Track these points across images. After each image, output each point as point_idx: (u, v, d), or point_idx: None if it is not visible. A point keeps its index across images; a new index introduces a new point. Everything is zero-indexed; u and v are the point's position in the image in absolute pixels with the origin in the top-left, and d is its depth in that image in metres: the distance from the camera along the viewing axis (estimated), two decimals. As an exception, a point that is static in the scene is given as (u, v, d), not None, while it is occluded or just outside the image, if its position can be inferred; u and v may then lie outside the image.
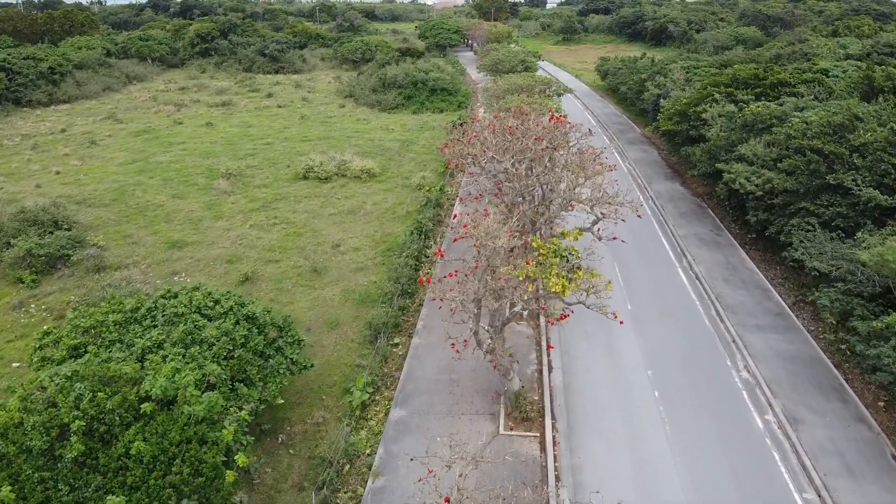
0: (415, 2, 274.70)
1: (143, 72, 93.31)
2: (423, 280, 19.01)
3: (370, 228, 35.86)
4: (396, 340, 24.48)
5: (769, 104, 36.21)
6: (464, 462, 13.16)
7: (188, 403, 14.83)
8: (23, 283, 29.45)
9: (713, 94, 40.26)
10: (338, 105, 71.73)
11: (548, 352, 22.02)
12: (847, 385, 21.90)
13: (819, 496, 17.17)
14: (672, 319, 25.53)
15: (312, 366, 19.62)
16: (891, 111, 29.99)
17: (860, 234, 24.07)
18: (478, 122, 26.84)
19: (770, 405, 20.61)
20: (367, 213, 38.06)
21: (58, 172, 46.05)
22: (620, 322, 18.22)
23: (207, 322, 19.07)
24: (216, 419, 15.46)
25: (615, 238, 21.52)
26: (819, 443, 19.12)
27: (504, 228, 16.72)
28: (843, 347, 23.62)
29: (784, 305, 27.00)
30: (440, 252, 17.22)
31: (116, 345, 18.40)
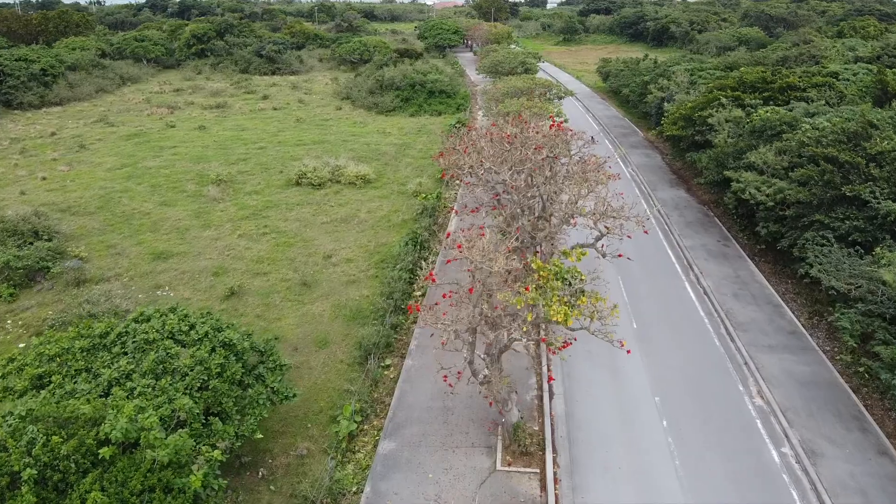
0: (415, 2, 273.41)
1: (138, 73, 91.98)
2: (413, 308, 17.58)
3: (364, 238, 34.50)
4: (388, 362, 23.12)
5: (778, 109, 34.85)
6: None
7: (152, 447, 13.47)
8: (-1, 298, 28.15)
9: (719, 99, 38.91)
10: (334, 107, 70.38)
11: (548, 366, 20.61)
12: (867, 412, 20.54)
13: (843, 541, 15.83)
14: (680, 339, 24.15)
15: (295, 396, 18.25)
16: (908, 118, 28.65)
17: (879, 250, 22.68)
18: (474, 131, 25.48)
19: (786, 436, 19.24)
20: (361, 222, 36.70)
21: (44, 178, 44.71)
22: (628, 351, 16.81)
23: (182, 349, 17.73)
24: (185, 462, 14.09)
25: (620, 255, 20.18)
26: (840, 479, 17.75)
27: (501, 250, 15.35)
28: (862, 370, 22.27)
29: (797, 323, 25.62)
30: (431, 276, 15.85)
31: (83, 374, 17.05)
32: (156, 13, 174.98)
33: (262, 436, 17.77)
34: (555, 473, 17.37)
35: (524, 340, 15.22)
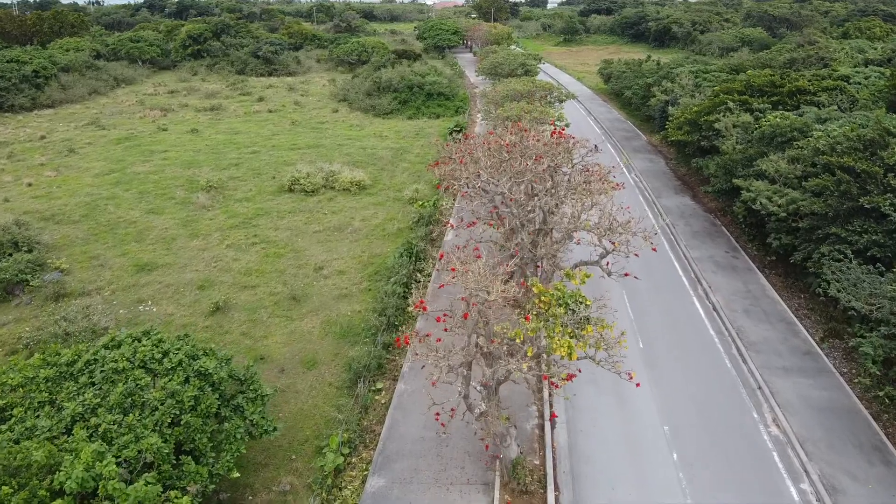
0: (414, 2, 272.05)
1: (133, 74, 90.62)
2: (402, 341, 16.21)
3: (357, 248, 33.16)
4: (379, 385, 21.78)
5: (788, 114, 33.50)
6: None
7: (111, 499, 12.14)
8: (-28, 314, 26.81)
9: (726, 103, 37.55)
10: (331, 110, 69.05)
11: (550, 401, 19.25)
12: (889, 443, 19.19)
13: None
14: (689, 361, 22.79)
15: (275, 430, 16.90)
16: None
17: (901, 267, 21.36)
18: (471, 139, 24.13)
19: (805, 471, 17.89)
20: (355, 231, 35.35)
21: (30, 184, 43.37)
22: (637, 385, 15.47)
23: (154, 378, 16.41)
24: (149, 511, 12.75)
25: (627, 275, 18.84)
26: (865, 519, 16.43)
27: (498, 273, 14.01)
28: (882, 395, 20.90)
29: (812, 342, 24.27)
30: (422, 304, 14.54)
31: (46, 408, 15.73)
32: (153, 13, 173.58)
33: (240, 474, 16.43)
34: (557, 514, 16.04)
35: (524, 375, 13.88)
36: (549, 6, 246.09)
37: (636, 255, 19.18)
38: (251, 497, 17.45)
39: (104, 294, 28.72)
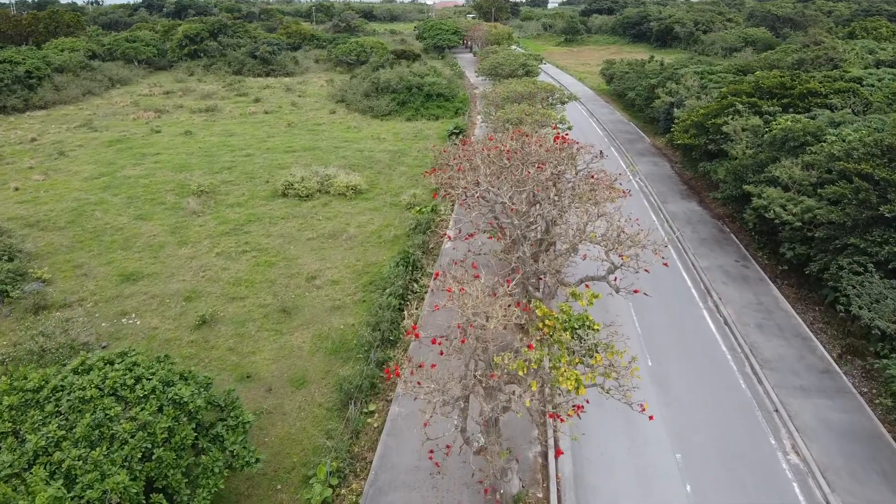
0: (414, 2, 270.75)
1: (129, 75, 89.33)
2: (391, 373, 14.94)
3: (352, 256, 31.89)
4: (372, 407, 20.49)
5: (799, 118, 32.24)
6: None
7: (65, 553, 10.89)
8: (-54, 328, 25.56)
9: (734, 105, 36.28)
10: (328, 111, 67.78)
11: (555, 435, 17.97)
12: (917, 470, 17.91)
13: None
14: (701, 380, 21.51)
15: (258, 461, 15.64)
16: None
17: (927, 281, 20.10)
18: (470, 145, 22.88)
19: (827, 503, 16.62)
20: (350, 238, 34.07)
21: (16, 189, 42.12)
22: (650, 418, 14.20)
23: (125, 406, 15.15)
24: (111, 563, 11.51)
25: (636, 292, 17.60)
26: (896, 560, 15.15)
27: (498, 294, 12.75)
28: (907, 417, 19.66)
29: (830, 359, 22.98)
30: (414, 330, 13.27)
31: (9, 439, 14.48)
32: (152, 13, 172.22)
33: (218, 512, 15.17)
34: (562, 556, 14.76)
35: (528, 410, 12.60)
36: (550, 6, 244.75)
37: (646, 271, 17.90)
38: (232, 533, 16.20)
39: (86, 306, 27.46)
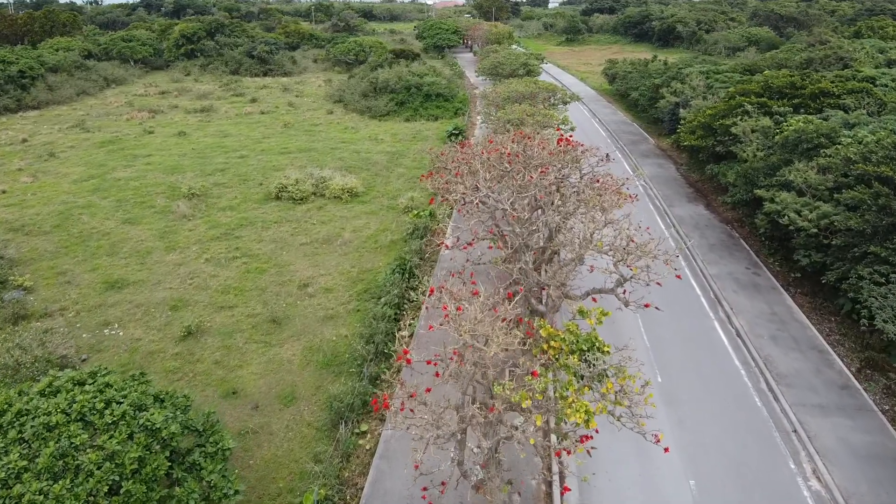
0: (414, 2, 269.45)
1: (124, 75, 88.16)
2: (380, 404, 13.69)
3: (346, 262, 30.67)
4: (364, 427, 19.27)
5: (812, 118, 30.99)
6: None
7: None
8: (-81, 339, 24.32)
9: (743, 105, 35.04)
10: (325, 111, 66.57)
11: (560, 462, 16.71)
12: (948, 498, 16.68)
13: None
14: (714, 398, 20.27)
15: (237, 493, 14.42)
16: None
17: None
18: (469, 148, 21.67)
19: (856, 536, 15.40)
20: (345, 243, 32.87)
21: (3, 192, 40.92)
22: (665, 450, 12.96)
23: (93, 433, 13.94)
24: None
25: (647, 306, 16.38)
26: None
27: (498, 318, 11.53)
28: (934, 438, 18.43)
29: (849, 374, 21.74)
30: (405, 355, 12.05)
31: (-35, 469, 13.28)
32: (150, 13, 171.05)
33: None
34: None
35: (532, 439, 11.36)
36: (551, 6, 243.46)
37: (659, 285, 16.67)
38: (210, 568, 14.95)
39: (68, 316, 26.25)
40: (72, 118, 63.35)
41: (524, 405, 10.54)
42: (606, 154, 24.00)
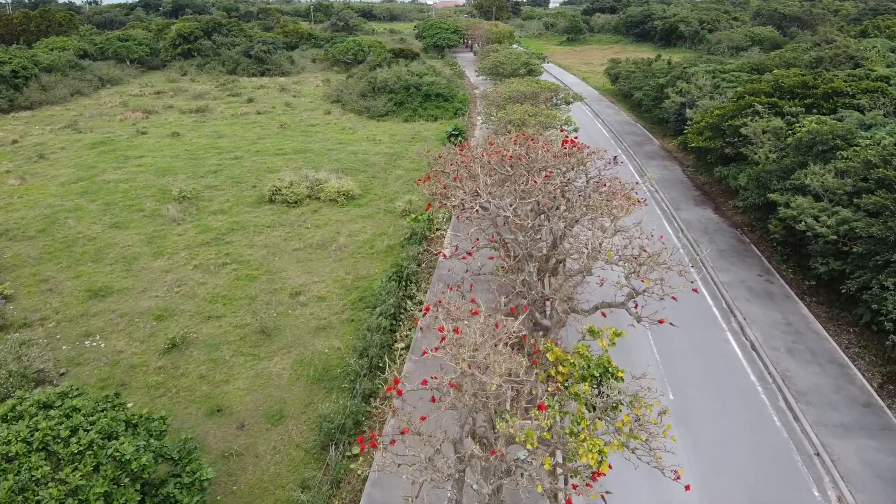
0: (414, 1, 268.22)
1: (120, 74, 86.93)
2: (368, 442, 12.44)
3: (341, 269, 29.44)
4: (356, 450, 18.03)
5: (826, 119, 29.78)
6: None
7: None
8: None
9: (753, 105, 33.80)
10: (323, 111, 65.35)
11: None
12: None
13: None
14: (730, 417, 19.02)
15: (213, 530, 13.20)
16: None
17: None
18: (469, 150, 20.43)
19: (890, 574, 14.15)
20: (340, 248, 31.64)
21: (-11, 194, 39.75)
22: (687, 488, 11.71)
23: (57, 464, 12.72)
24: None
25: (661, 322, 15.15)
26: None
27: (500, 342, 10.29)
28: (966, 461, 17.18)
29: (870, 390, 20.49)
30: (396, 385, 10.81)
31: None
32: (148, 13, 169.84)
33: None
34: None
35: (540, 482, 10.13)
36: (552, 5, 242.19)
37: (674, 299, 15.42)
38: None
39: (48, 326, 25.02)
40: (64, 119, 62.16)
41: (529, 447, 9.31)
42: (614, 157, 22.76)
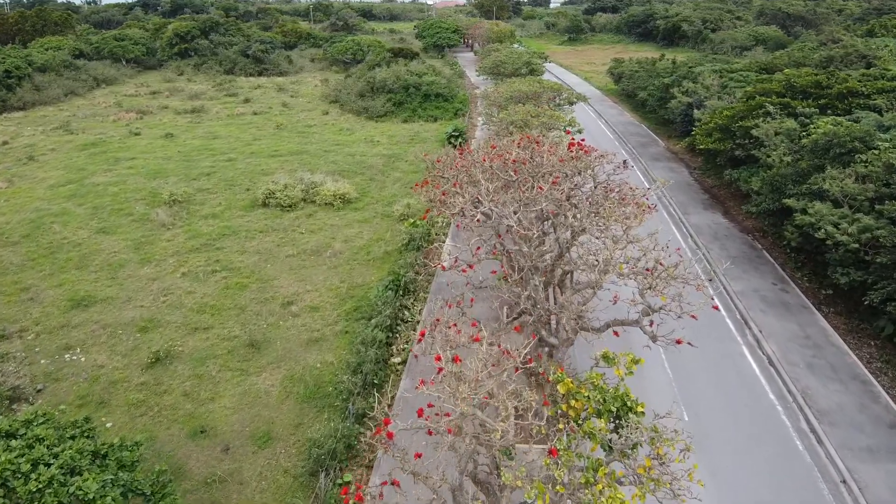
0: (415, 1, 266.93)
1: (115, 74, 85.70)
2: (351, 496, 11.21)
3: (335, 277, 28.20)
4: (347, 477, 16.78)
5: (841, 120, 28.53)
6: None
7: None
8: None
9: (764, 106, 32.53)
10: (321, 112, 64.12)
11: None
12: None
13: None
14: (750, 441, 17.76)
15: (186, 577, 11.96)
16: None
17: None
18: (469, 153, 19.17)
19: None
20: (336, 254, 30.40)
21: (-26, 197, 38.53)
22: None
23: (17, 503, 11.49)
24: None
25: (679, 342, 13.91)
26: None
27: (506, 379, 9.05)
28: None
29: (898, 409, 19.24)
30: (385, 425, 9.58)
31: None
32: (147, 12, 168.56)
33: None
34: None
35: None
36: (552, 5, 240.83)
37: (694, 318, 14.14)
38: None
39: (27, 338, 23.78)
40: (57, 119, 60.97)
41: (540, 501, 8.08)
42: (623, 161, 21.52)
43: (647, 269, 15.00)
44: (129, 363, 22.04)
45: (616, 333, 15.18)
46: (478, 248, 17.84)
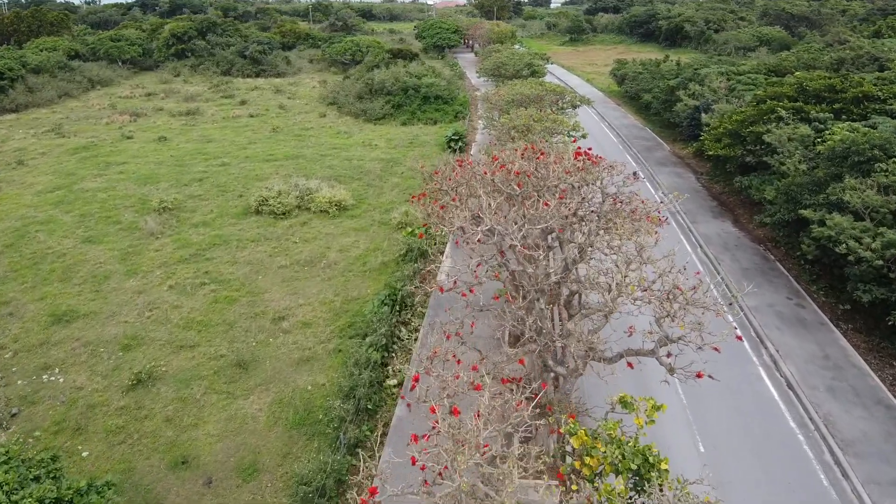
0: (415, 1, 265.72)
1: (111, 76, 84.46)
2: None
3: (329, 290, 26.97)
4: (338, 516, 15.56)
5: (857, 126, 27.32)
6: None
7: None
8: None
9: (776, 110, 31.32)
10: (318, 114, 62.88)
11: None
12: None
13: None
14: (772, 475, 16.52)
15: None
16: None
17: None
18: (469, 167, 17.96)
19: None
20: (330, 265, 29.19)
21: (-42, 204, 37.31)
22: None
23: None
24: None
25: (700, 376, 12.70)
26: None
27: (513, 437, 7.81)
28: None
29: (927, 438, 18.00)
30: (372, 495, 8.37)
31: None
32: (145, 13, 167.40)
33: None
34: None
35: None
36: (553, 5, 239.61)
37: (716, 350, 12.91)
38: None
39: (5, 357, 22.57)
40: (49, 122, 59.82)
41: None
42: (634, 172, 20.27)
43: (665, 293, 13.76)
44: (110, 385, 20.82)
45: (630, 365, 13.95)
46: (479, 265, 16.63)
